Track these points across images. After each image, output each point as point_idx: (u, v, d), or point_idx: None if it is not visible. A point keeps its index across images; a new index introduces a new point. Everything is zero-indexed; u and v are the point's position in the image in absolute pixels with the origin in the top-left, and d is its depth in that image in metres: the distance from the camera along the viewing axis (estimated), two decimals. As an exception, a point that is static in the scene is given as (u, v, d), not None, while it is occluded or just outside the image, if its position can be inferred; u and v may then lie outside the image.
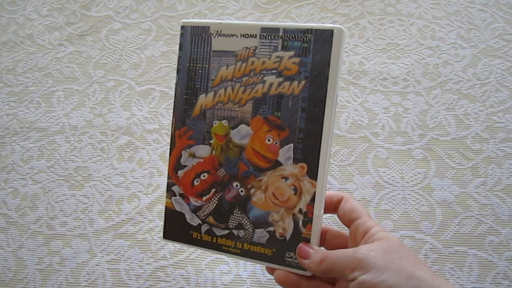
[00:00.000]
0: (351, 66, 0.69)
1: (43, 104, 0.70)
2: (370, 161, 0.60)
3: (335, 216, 0.41)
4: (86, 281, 0.54)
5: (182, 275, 0.54)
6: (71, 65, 0.74)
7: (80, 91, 0.70)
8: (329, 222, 0.56)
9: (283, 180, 0.38)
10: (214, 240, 0.40)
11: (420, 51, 0.70)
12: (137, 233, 0.57)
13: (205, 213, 0.41)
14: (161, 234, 0.43)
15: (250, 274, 0.53)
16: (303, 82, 0.37)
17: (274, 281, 0.40)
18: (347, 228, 0.40)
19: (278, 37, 0.37)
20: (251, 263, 0.52)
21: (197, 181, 0.41)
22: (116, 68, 0.72)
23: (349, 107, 0.65)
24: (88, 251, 0.56)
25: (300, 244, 0.37)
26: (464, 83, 0.66)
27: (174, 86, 0.42)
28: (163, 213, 0.43)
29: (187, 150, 0.41)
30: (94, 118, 0.67)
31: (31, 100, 0.70)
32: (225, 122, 0.39)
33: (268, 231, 0.39)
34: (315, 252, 0.36)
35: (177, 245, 0.54)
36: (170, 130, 0.42)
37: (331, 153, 0.61)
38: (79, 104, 0.69)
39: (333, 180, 0.59)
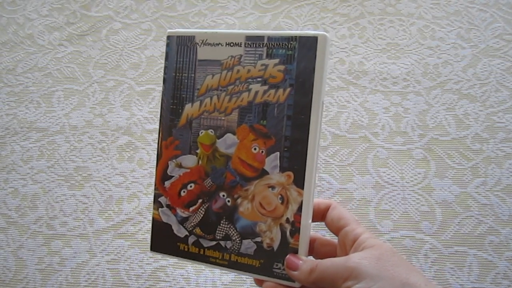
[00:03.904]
0: (351, 66, 0.69)
1: (43, 104, 0.70)
2: (370, 161, 0.60)
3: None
4: (86, 281, 0.54)
5: (182, 275, 0.54)
6: (71, 65, 0.74)
7: (80, 91, 0.70)
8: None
9: (270, 189, 0.37)
10: (202, 252, 0.40)
11: (420, 51, 0.70)
12: (137, 233, 0.57)
13: (192, 224, 0.40)
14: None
15: (250, 274, 0.53)
16: (288, 89, 0.36)
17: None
18: (335, 236, 0.40)
19: (263, 45, 0.37)
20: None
21: (183, 191, 0.40)
22: (116, 68, 0.72)
23: (349, 107, 0.65)
24: (88, 251, 0.56)
25: (288, 256, 0.37)
26: (464, 83, 0.66)
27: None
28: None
29: (173, 160, 0.40)
30: (94, 118, 0.67)
31: (31, 100, 0.70)
32: (211, 132, 0.39)
33: (255, 242, 0.38)
34: (304, 263, 0.35)
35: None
36: (157, 140, 0.42)
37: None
38: (79, 104, 0.69)
39: (333, 180, 0.59)
